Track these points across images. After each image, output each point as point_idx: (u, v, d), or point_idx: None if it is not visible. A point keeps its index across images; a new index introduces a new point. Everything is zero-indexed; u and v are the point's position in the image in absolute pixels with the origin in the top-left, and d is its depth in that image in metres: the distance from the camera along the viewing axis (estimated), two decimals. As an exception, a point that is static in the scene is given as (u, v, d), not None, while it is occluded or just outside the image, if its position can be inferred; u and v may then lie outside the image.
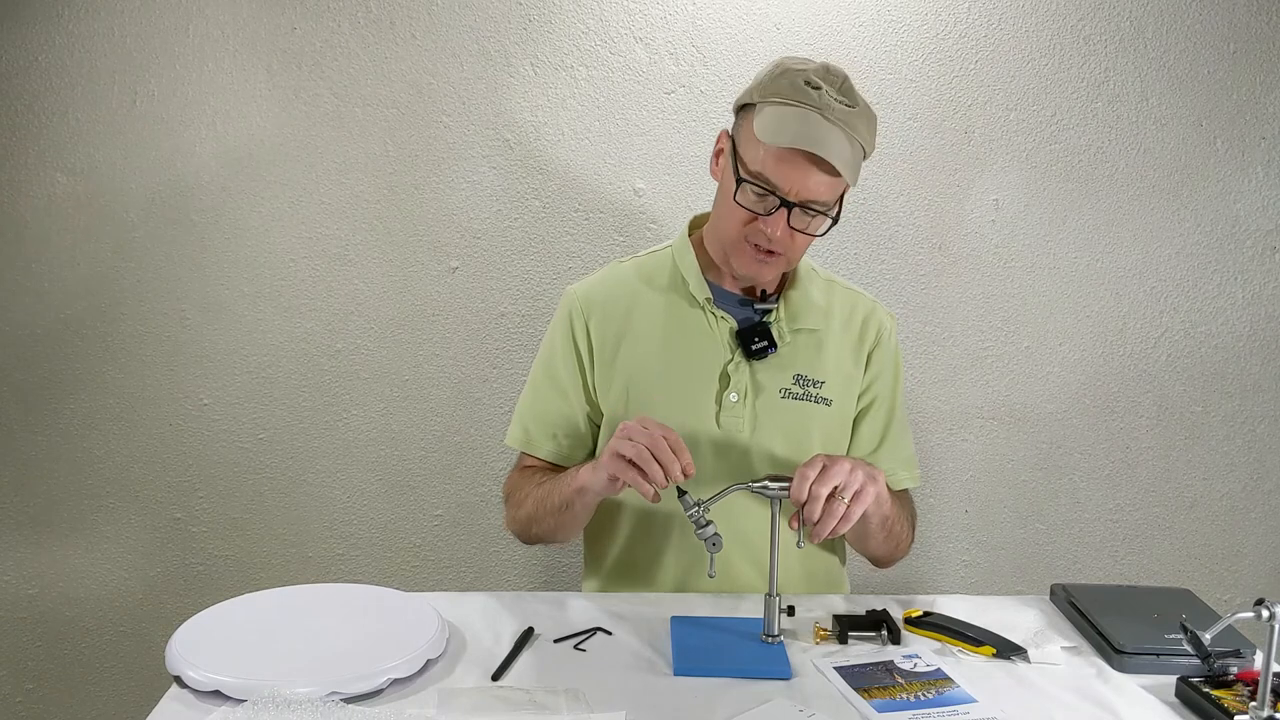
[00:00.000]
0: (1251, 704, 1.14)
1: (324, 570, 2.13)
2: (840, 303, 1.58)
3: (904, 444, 1.61)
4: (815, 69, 1.40)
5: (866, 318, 1.58)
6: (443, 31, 1.97)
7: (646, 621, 1.38)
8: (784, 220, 1.39)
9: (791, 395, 1.51)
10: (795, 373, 1.52)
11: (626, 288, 1.57)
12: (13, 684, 2.18)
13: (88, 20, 1.95)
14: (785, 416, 1.51)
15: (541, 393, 1.59)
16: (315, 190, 2.02)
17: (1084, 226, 2.05)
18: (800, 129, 1.35)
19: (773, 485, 1.30)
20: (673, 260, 1.56)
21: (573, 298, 1.58)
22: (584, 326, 1.56)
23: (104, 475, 2.11)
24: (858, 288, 1.62)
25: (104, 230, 2.02)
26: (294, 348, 2.07)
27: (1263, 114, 2.02)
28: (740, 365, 1.51)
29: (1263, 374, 2.12)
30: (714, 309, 1.52)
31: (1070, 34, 1.99)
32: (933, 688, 1.23)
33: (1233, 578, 2.18)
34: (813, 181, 1.37)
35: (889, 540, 1.49)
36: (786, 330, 1.52)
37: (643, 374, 1.53)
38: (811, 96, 1.36)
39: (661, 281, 1.56)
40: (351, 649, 1.23)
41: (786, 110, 1.37)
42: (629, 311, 1.55)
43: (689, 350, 1.52)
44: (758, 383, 1.51)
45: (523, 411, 1.60)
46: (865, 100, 1.41)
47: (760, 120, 1.37)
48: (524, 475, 1.58)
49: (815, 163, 1.36)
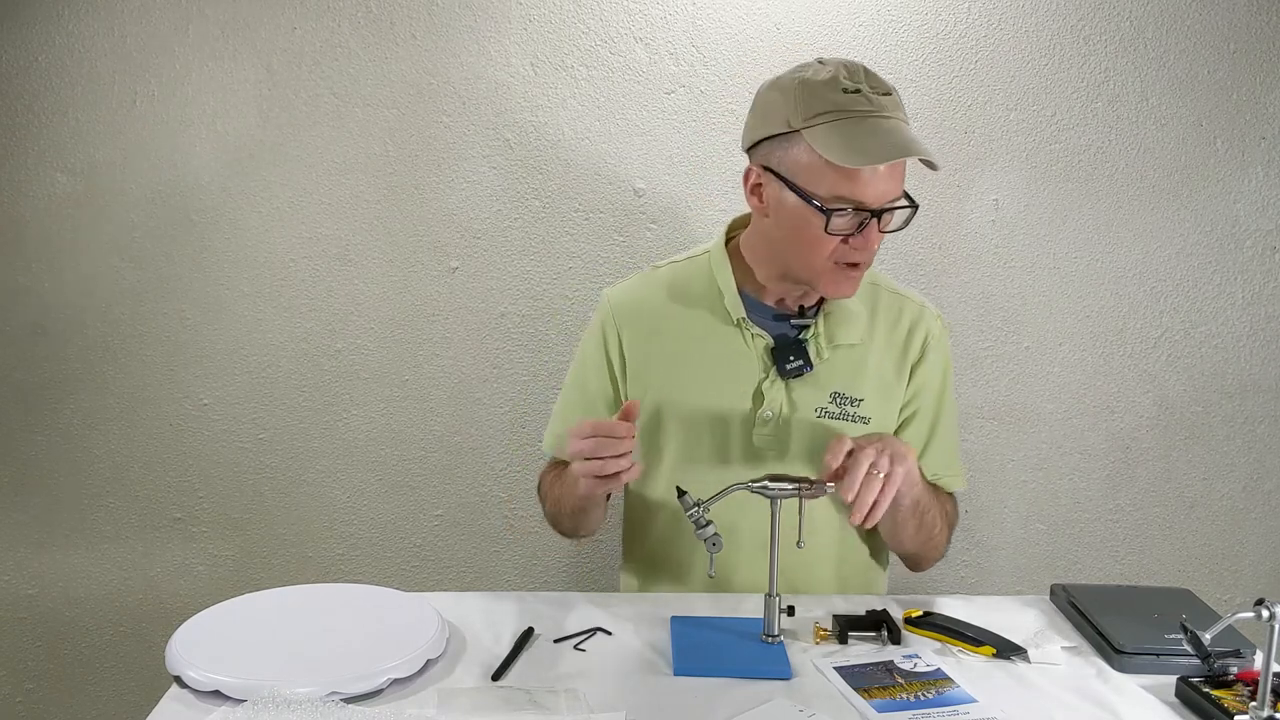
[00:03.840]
0: (1251, 704, 1.13)
1: (324, 570, 2.13)
2: (885, 309, 1.54)
3: (949, 448, 1.58)
4: (837, 72, 1.35)
5: (912, 327, 1.53)
6: (443, 31, 1.97)
7: (646, 621, 1.38)
8: (876, 231, 1.36)
9: (828, 414, 1.49)
10: (833, 390, 1.49)
11: (661, 298, 1.54)
12: (13, 684, 2.18)
13: (88, 20, 1.96)
14: (820, 436, 1.48)
15: (573, 401, 1.58)
16: (315, 190, 2.02)
17: (1084, 226, 2.05)
18: (876, 141, 1.31)
19: (773, 485, 1.30)
20: (709, 270, 1.53)
21: (607, 306, 1.56)
22: (616, 337, 1.54)
23: (104, 475, 2.11)
24: (905, 289, 1.58)
25: (104, 230, 2.03)
26: (294, 348, 2.07)
27: (1263, 114, 2.02)
28: (775, 383, 1.48)
29: (1263, 374, 2.12)
30: (749, 326, 1.49)
31: (1070, 34, 1.99)
32: (933, 688, 1.23)
33: (1233, 578, 2.18)
34: (892, 180, 1.35)
35: (921, 531, 1.47)
36: (825, 347, 1.49)
37: (676, 390, 1.51)
38: (859, 102, 1.32)
39: (697, 293, 1.52)
40: (351, 649, 1.23)
41: (848, 127, 1.32)
42: (663, 324, 1.52)
43: (723, 367, 1.50)
44: (793, 401, 1.49)
45: (556, 418, 1.60)
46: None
47: (824, 145, 1.31)
48: (553, 473, 1.58)
49: (889, 164, 1.32)
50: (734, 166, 2.01)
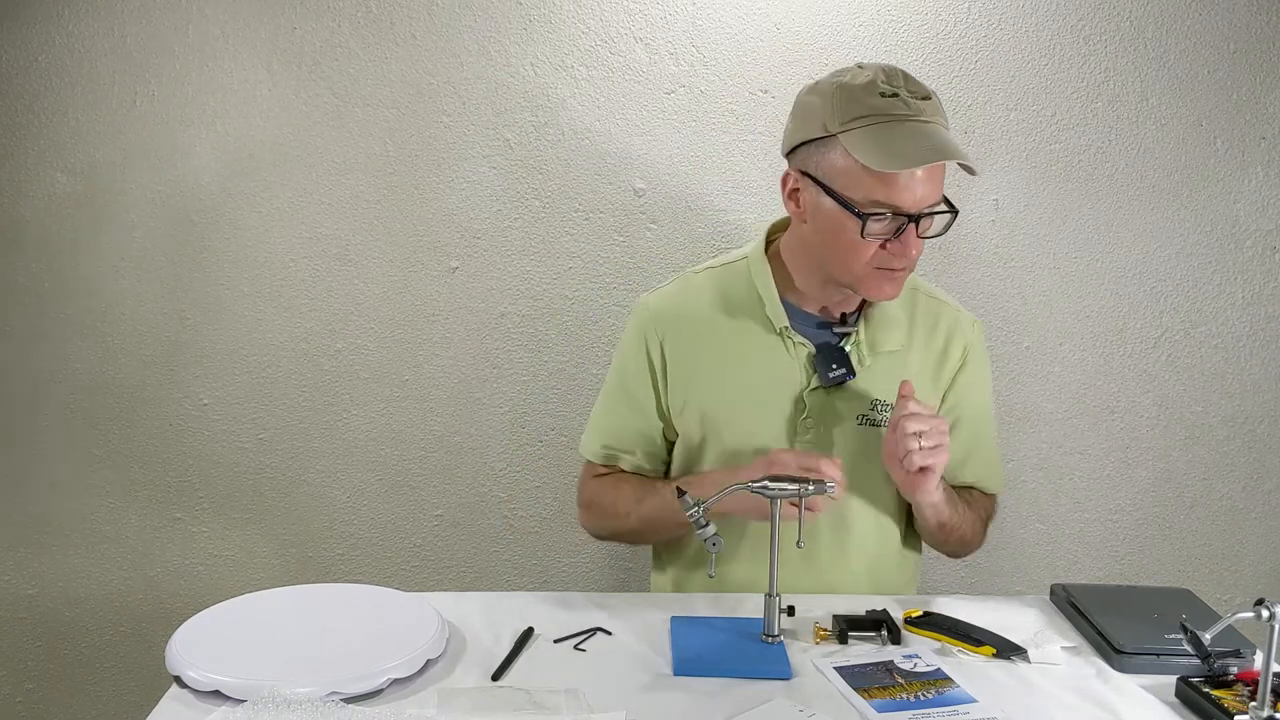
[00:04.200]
0: (1251, 704, 1.14)
1: (324, 570, 2.13)
2: (923, 314, 1.54)
3: (992, 454, 1.60)
4: (875, 76, 1.34)
5: (950, 335, 1.53)
6: (443, 31, 1.97)
7: (646, 621, 1.38)
8: (914, 235, 1.35)
9: (868, 422, 1.49)
10: (874, 398, 1.49)
11: (702, 306, 1.53)
12: (13, 684, 2.18)
13: (88, 20, 1.95)
14: (859, 443, 1.49)
15: (618, 408, 1.58)
16: (315, 190, 2.02)
17: (1084, 226, 2.05)
18: (912, 144, 1.31)
19: (773, 485, 1.30)
20: (749, 276, 1.52)
21: (646, 314, 1.55)
22: (659, 346, 1.53)
23: (104, 475, 2.11)
24: (941, 293, 1.58)
25: (104, 230, 2.03)
26: (294, 348, 2.07)
27: (1263, 114, 2.02)
28: (816, 391, 1.48)
29: (1263, 374, 2.12)
30: (791, 335, 1.49)
31: (1070, 34, 1.99)
32: (933, 688, 1.23)
33: (1233, 578, 2.18)
34: (931, 185, 1.34)
35: (962, 538, 1.52)
36: (866, 355, 1.49)
37: (718, 398, 1.51)
38: (897, 106, 1.32)
39: (737, 300, 1.52)
40: (351, 649, 1.23)
41: (885, 131, 1.31)
42: (704, 332, 1.52)
43: (765, 375, 1.49)
44: (834, 409, 1.49)
45: (601, 427, 1.59)
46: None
47: (859, 149, 1.31)
48: (606, 484, 1.57)
49: (927, 168, 1.32)
50: (734, 166, 2.01)
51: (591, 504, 1.61)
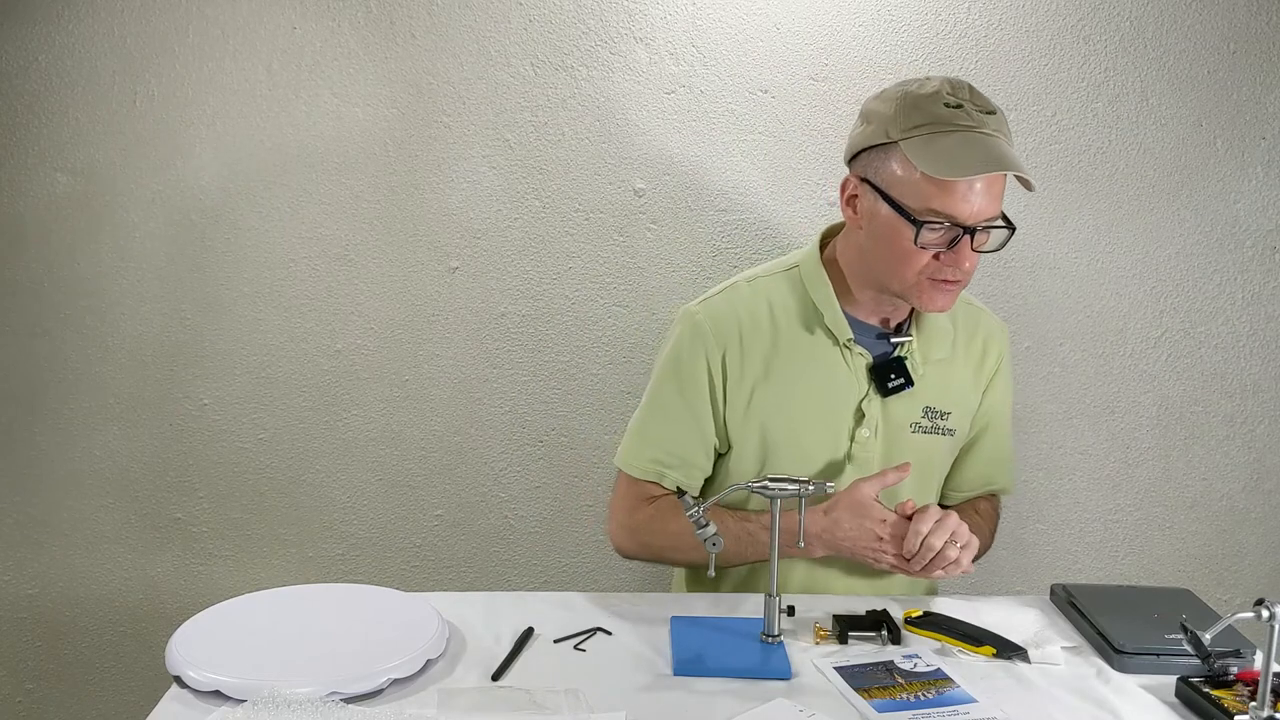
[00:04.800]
0: (1251, 704, 1.14)
1: (324, 570, 2.13)
2: (963, 321, 1.55)
3: (1009, 453, 1.64)
4: (941, 87, 1.35)
5: (986, 340, 1.56)
6: (443, 31, 1.97)
7: (646, 621, 1.38)
8: (968, 248, 1.36)
9: (921, 429, 1.51)
10: (925, 405, 1.51)
11: (760, 317, 1.51)
12: (13, 684, 2.18)
13: (88, 20, 1.95)
14: (914, 450, 1.51)
15: (672, 421, 1.52)
16: (315, 190, 2.02)
17: (1084, 226, 2.05)
18: (971, 153, 1.31)
19: (772, 485, 1.30)
20: (803, 286, 1.51)
21: (703, 323, 1.50)
22: (720, 357, 1.50)
23: (104, 475, 2.11)
24: (975, 300, 1.59)
25: (104, 230, 2.03)
26: (294, 348, 2.07)
27: (1263, 114, 2.02)
28: (873, 401, 1.49)
29: (1263, 374, 2.12)
30: (853, 346, 1.49)
31: (1070, 34, 1.99)
32: (933, 688, 1.23)
33: (1233, 578, 2.18)
34: (989, 198, 1.34)
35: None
36: (920, 363, 1.50)
37: (779, 410, 1.50)
38: (961, 117, 1.32)
39: (795, 311, 1.50)
40: (351, 649, 1.23)
41: (946, 139, 1.32)
42: (765, 345, 1.50)
43: (826, 388, 1.49)
44: (890, 418, 1.50)
45: (650, 440, 1.53)
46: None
47: (918, 155, 1.32)
48: (664, 514, 1.51)
49: (986, 180, 1.32)
50: (734, 166, 2.01)
51: (639, 530, 1.54)
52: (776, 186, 2.01)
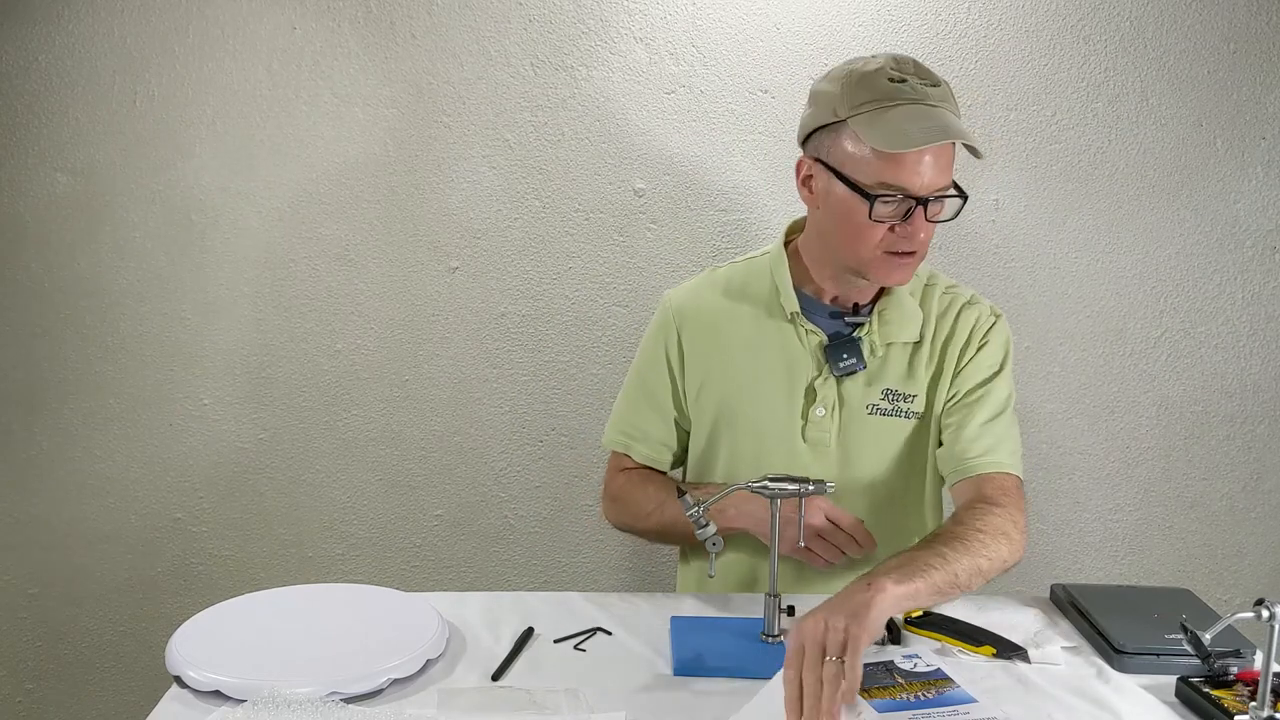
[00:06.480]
0: (1251, 704, 1.13)
1: (324, 570, 2.13)
2: (938, 306, 1.54)
3: (1008, 432, 1.50)
4: (885, 63, 1.37)
5: (961, 316, 1.52)
6: (443, 31, 1.97)
7: (646, 621, 1.38)
8: (922, 219, 1.37)
9: (879, 411, 1.50)
10: (885, 387, 1.50)
11: (719, 298, 1.57)
12: (13, 684, 2.18)
13: (88, 20, 1.96)
14: (872, 432, 1.51)
15: (636, 400, 1.61)
16: (315, 190, 2.02)
17: (1084, 226, 2.05)
18: (917, 125, 1.32)
19: (772, 484, 1.30)
20: (769, 270, 1.55)
21: (668, 307, 1.59)
22: (676, 337, 1.57)
23: (104, 475, 2.11)
24: (961, 287, 1.58)
25: (104, 230, 2.03)
26: (294, 348, 2.07)
27: (1263, 114, 2.02)
28: (827, 381, 1.50)
29: (1263, 374, 2.12)
30: (803, 323, 1.50)
31: (1070, 34, 1.99)
32: (933, 688, 1.22)
33: (1233, 578, 2.18)
34: (939, 169, 1.36)
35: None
36: (879, 344, 1.50)
37: (732, 387, 1.53)
38: (905, 91, 1.34)
39: (755, 292, 1.55)
40: (351, 649, 1.23)
41: (891, 113, 1.33)
42: (721, 323, 1.55)
43: (777, 364, 1.51)
44: (845, 398, 1.50)
45: (620, 417, 1.63)
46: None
47: (866, 131, 1.33)
48: (633, 482, 1.59)
49: (935, 151, 1.34)
50: (734, 166, 2.01)
51: (617, 498, 1.62)
52: (776, 186, 2.01)
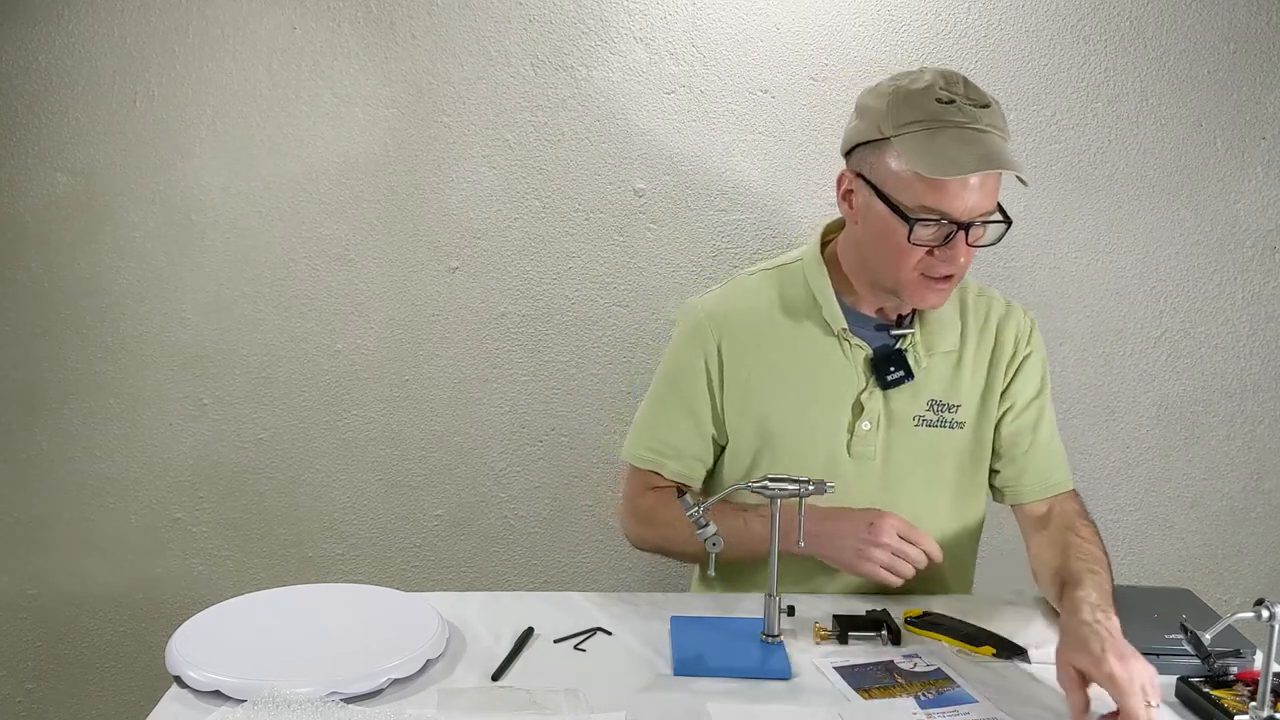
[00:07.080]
0: (1251, 704, 1.14)
1: (324, 570, 2.13)
2: (973, 312, 1.53)
3: (1056, 444, 1.55)
4: (934, 81, 1.33)
5: (1000, 328, 1.52)
6: (443, 31, 1.97)
7: (646, 621, 1.38)
8: (963, 243, 1.34)
9: (925, 423, 1.49)
10: (930, 398, 1.49)
11: (758, 309, 1.52)
12: (13, 684, 2.18)
13: (88, 20, 1.95)
14: (918, 444, 1.49)
15: (667, 413, 1.55)
16: (315, 190, 2.02)
17: (1084, 226, 2.05)
18: (965, 152, 1.29)
19: (772, 485, 1.30)
20: (804, 279, 1.51)
21: (701, 316, 1.53)
22: (716, 349, 1.51)
23: (104, 475, 2.11)
24: (990, 290, 1.57)
25: (104, 230, 2.02)
26: (294, 348, 2.07)
27: (1263, 114, 2.02)
28: (874, 394, 1.48)
29: (1263, 374, 2.12)
30: (848, 337, 1.48)
31: (1070, 34, 1.99)
32: (933, 688, 1.23)
33: (1233, 578, 2.18)
34: (984, 194, 1.33)
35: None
36: (923, 355, 1.48)
37: (775, 402, 1.50)
38: (953, 112, 1.31)
39: (793, 303, 1.51)
40: (351, 649, 1.23)
41: (939, 137, 1.30)
42: (762, 336, 1.50)
43: (822, 379, 1.49)
44: (891, 411, 1.48)
45: (649, 431, 1.56)
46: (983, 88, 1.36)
47: (911, 154, 1.31)
48: (665, 502, 1.52)
49: (981, 177, 1.31)
50: (734, 166, 2.01)
51: (650, 520, 1.55)
52: (776, 186, 2.01)
